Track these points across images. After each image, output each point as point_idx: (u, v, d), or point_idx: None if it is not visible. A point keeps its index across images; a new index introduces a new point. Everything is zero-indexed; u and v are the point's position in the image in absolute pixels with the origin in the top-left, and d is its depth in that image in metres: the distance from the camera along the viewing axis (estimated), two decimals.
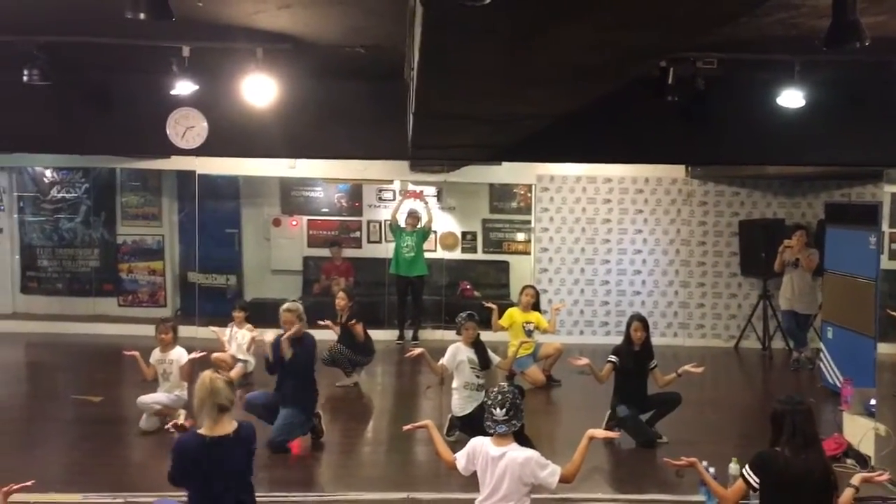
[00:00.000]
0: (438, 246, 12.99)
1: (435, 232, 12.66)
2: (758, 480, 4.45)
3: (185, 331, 8.05)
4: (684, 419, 8.26)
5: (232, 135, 7.54)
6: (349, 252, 12.85)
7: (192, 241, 12.57)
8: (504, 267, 13.19)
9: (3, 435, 7.54)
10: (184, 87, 6.72)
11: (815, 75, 6.72)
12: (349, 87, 7.39)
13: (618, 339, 8.05)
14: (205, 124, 7.48)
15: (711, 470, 5.89)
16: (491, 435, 4.64)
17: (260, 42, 6.14)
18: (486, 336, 7.87)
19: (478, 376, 7.43)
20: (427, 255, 12.13)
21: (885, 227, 10.77)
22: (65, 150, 10.16)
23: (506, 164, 11.31)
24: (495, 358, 7.75)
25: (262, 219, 13.33)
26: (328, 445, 7.43)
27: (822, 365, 9.49)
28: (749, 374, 11.41)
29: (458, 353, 7.39)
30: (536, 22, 2.53)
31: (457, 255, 13.13)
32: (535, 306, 9.61)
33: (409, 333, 12.03)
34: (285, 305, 7.30)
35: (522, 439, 4.77)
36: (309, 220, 13.25)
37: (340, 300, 9.34)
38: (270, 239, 13.21)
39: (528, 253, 12.74)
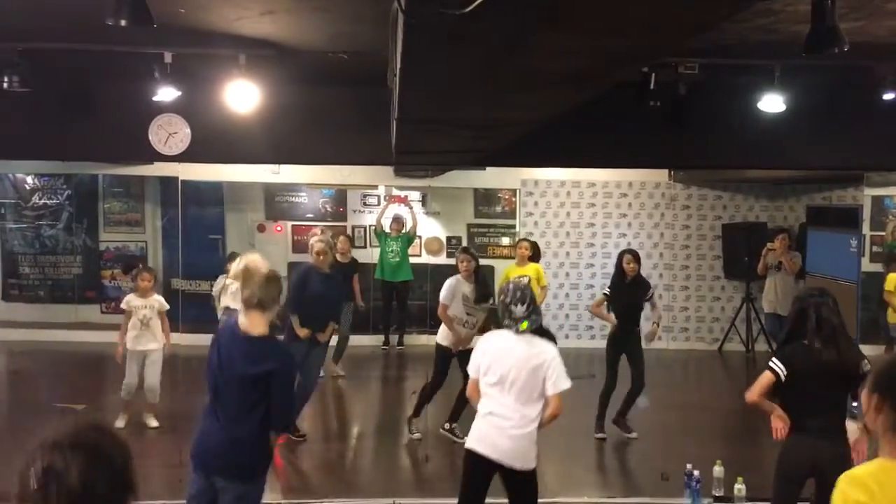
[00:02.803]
0: (423, 251, 12.98)
1: (420, 237, 12.65)
2: (784, 371, 4.35)
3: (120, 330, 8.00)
4: (668, 421, 8.30)
5: (215, 141, 7.53)
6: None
7: (175, 248, 12.50)
8: (489, 271, 13.19)
9: None
10: (166, 94, 6.70)
11: (796, 80, 6.78)
12: (332, 93, 7.39)
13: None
14: (188, 130, 7.46)
15: (696, 473, 5.94)
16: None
17: (243, 48, 6.13)
18: None
19: (469, 313, 7.33)
20: (412, 260, 12.12)
21: (865, 230, 10.90)
22: (46, 157, 10.09)
23: (490, 169, 11.32)
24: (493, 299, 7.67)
25: (246, 225, 13.26)
26: (313, 452, 7.41)
27: None
28: (733, 377, 11.47)
29: (457, 286, 7.37)
30: (517, 29, 2.54)
31: (442, 259, 13.11)
32: (535, 259, 9.31)
33: (394, 339, 12.02)
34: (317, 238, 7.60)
35: (544, 336, 4.54)
36: (293, 225, 13.21)
37: (343, 243, 9.44)
38: (255, 245, 13.16)
39: (514, 257, 12.75)
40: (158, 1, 4.12)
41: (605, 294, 7.99)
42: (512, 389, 4.28)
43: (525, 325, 4.34)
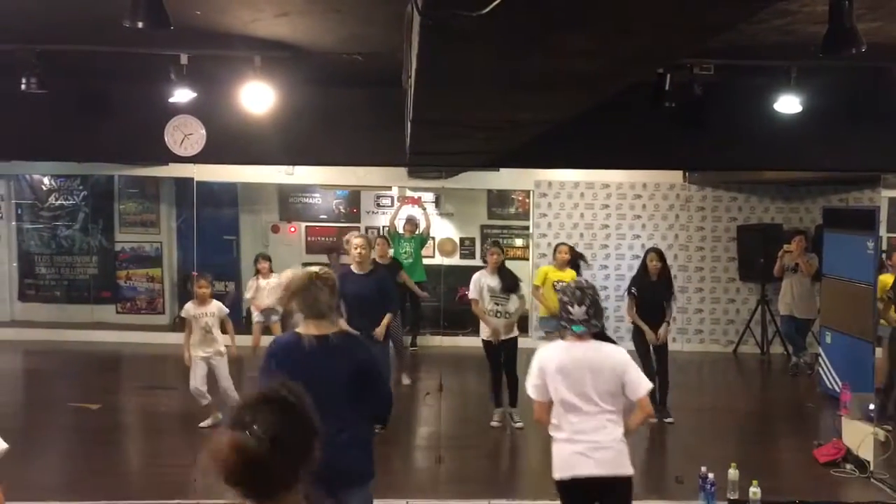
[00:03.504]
0: (437, 252, 12.99)
1: (433, 238, 12.65)
2: None
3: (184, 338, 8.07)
4: (683, 424, 8.27)
5: (230, 142, 7.54)
6: (347, 258, 12.83)
7: (190, 248, 12.57)
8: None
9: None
10: (182, 95, 6.72)
11: (812, 81, 6.74)
12: (347, 94, 7.40)
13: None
14: (203, 132, 7.48)
15: (710, 476, 5.91)
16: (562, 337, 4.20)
17: (258, 50, 6.15)
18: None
19: (497, 304, 7.75)
20: (425, 261, 12.13)
21: (882, 231, 10.82)
22: (63, 158, 10.17)
23: (504, 170, 11.31)
24: (522, 290, 8.06)
25: (260, 225, 13.32)
26: None
27: (820, 370, 9.50)
28: (748, 380, 11.41)
29: (479, 280, 7.82)
30: (534, 30, 2.54)
31: (455, 260, 13.13)
32: (574, 265, 9.29)
33: (407, 340, 12.02)
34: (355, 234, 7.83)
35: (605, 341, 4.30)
36: (307, 226, 13.25)
37: (381, 245, 9.35)
38: (269, 246, 13.21)
39: (527, 259, 12.75)
40: (175, 3, 4.13)
41: (632, 295, 8.26)
42: (591, 402, 4.03)
43: (578, 328, 4.09)
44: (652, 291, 8.11)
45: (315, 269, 3.90)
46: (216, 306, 7.79)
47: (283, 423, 1.94)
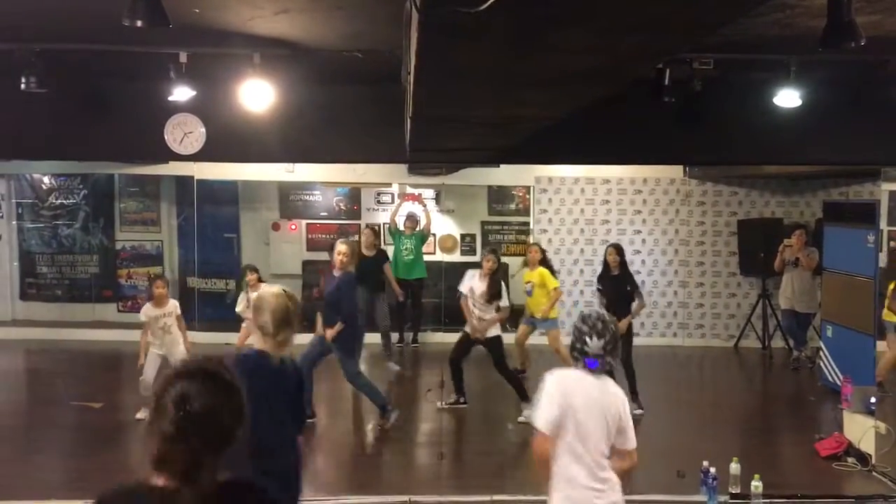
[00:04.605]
0: (437, 248, 12.99)
1: (434, 235, 12.65)
2: None
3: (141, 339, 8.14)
4: (684, 419, 8.28)
5: (230, 140, 7.55)
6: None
7: (191, 247, 12.58)
8: (503, 269, 13.18)
9: (3, 442, 7.55)
10: (181, 93, 6.72)
11: (812, 75, 6.73)
12: (347, 91, 7.40)
13: None
14: (203, 130, 7.48)
15: (712, 470, 5.92)
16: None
17: (257, 47, 6.15)
18: None
19: (475, 306, 8.03)
20: (426, 257, 12.14)
21: (882, 225, 10.82)
22: (63, 157, 10.17)
23: (504, 166, 11.31)
24: (505, 300, 8.19)
25: (260, 223, 13.32)
26: (328, 448, 7.43)
27: (821, 363, 9.50)
28: (749, 374, 11.42)
29: (469, 279, 8.16)
30: (533, 27, 2.54)
31: (456, 257, 13.13)
32: (545, 263, 9.32)
33: (408, 336, 12.03)
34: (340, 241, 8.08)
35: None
36: (308, 223, 13.25)
37: (367, 236, 9.46)
38: (269, 243, 13.22)
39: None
40: (174, 1, 4.14)
41: (598, 290, 8.73)
42: (595, 443, 3.63)
43: (593, 365, 3.67)
44: (614, 285, 8.40)
45: (279, 287, 3.92)
46: (173, 305, 8.00)
47: (220, 401, 1.88)
